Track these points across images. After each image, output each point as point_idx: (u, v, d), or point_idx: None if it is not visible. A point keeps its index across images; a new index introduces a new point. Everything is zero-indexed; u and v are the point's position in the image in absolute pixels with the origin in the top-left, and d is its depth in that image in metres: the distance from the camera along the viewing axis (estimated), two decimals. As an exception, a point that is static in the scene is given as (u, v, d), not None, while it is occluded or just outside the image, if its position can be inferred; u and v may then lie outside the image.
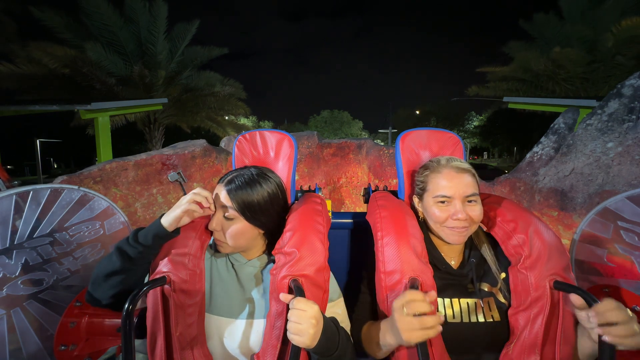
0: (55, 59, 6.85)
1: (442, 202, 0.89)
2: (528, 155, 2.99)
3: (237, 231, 0.89)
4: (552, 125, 2.84)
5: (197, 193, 0.87)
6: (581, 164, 2.46)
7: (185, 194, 3.06)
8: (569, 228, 2.46)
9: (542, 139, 2.88)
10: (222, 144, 4.02)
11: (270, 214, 0.93)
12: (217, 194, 0.91)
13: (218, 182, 0.94)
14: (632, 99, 2.28)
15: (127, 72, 8.10)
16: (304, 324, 0.69)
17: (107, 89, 7.82)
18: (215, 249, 1.00)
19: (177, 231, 0.88)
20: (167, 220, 0.84)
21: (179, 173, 3.48)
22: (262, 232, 0.95)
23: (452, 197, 0.88)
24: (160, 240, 0.85)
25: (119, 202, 3.00)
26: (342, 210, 4.59)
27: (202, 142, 3.62)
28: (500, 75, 10.24)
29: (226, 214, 0.88)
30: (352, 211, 4.72)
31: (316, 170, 4.32)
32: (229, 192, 0.89)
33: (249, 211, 0.89)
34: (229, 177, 0.93)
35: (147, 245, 0.83)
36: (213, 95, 9.54)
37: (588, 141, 2.44)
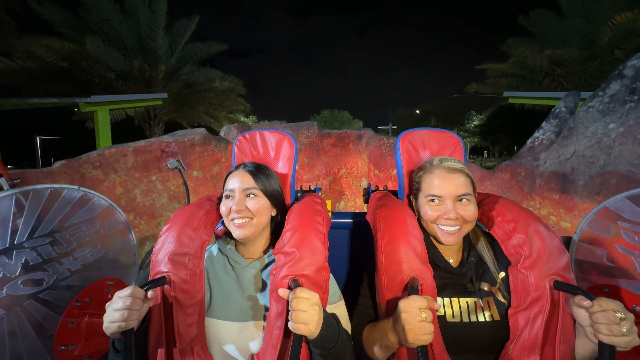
0: (53, 52, 6.80)
1: (433, 201, 0.90)
2: (529, 141, 2.98)
3: (261, 206, 0.93)
4: (552, 109, 2.83)
5: (124, 297, 0.71)
6: (582, 146, 2.45)
7: (184, 181, 3.02)
8: (570, 211, 2.45)
9: (543, 124, 2.87)
10: (222, 133, 4.01)
11: (280, 200, 1.00)
12: (235, 180, 0.94)
13: (231, 172, 0.98)
14: (633, 80, 2.27)
15: (126, 67, 8.09)
16: (309, 311, 0.70)
17: (107, 84, 7.80)
18: (222, 248, 0.99)
19: (142, 326, 0.79)
20: (111, 333, 0.73)
21: (178, 160, 3.47)
22: (273, 214, 0.99)
23: (443, 196, 0.88)
24: (126, 339, 0.71)
25: (118, 187, 2.98)
26: (342, 201, 4.57)
27: (201, 131, 3.61)
28: (499, 71, 10.23)
29: (249, 194, 0.93)
30: (352, 208, 4.71)
31: (316, 161, 4.31)
32: (250, 173, 0.95)
33: (269, 189, 0.96)
34: (244, 165, 0.99)
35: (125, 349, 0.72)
36: (213, 91, 9.52)
37: (589, 123, 2.43)
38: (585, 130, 2.45)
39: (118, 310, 0.70)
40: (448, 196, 0.88)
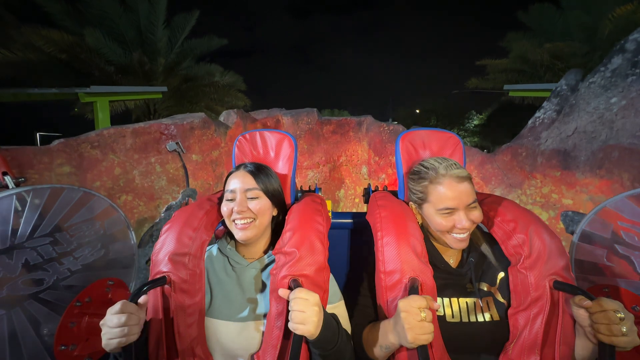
0: (52, 43, 6.79)
1: (447, 213, 0.89)
2: (530, 121, 2.97)
3: (263, 206, 0.93)
4: (554, 88, 2.81)
5: (117, 314, 0.70)
6: (584, 122, 2.43)
7: (183, 164, 3.02)
8: (572, 187, 2.44)
9: (544, 103, 2.86)
10: (222, 117, 4.00)
11: (281, 199, 1.01)
12: (235, 180, 0.94)
13: (232, 173, 0.98)
14: (635, 53, 2.26)
15: (126, 60, 8.08)
16: (308, 311, 0.70)
17: (106, 77, 7.79)
18: (222, 249, 0.99)
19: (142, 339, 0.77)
20: (111, 350, 0.72)
21: (177, 143, 3.45)
22: (274, 214, 0.99)
23: (457, 207, 0.88)
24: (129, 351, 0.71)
25: (116, 168, 2.97)
26: (342, 189, 4.56)
27: (200, 115, 3.60)
28: (500, 67, 10.21)
29: (250, 195, 0.92)
30: (352, 197, 4.70)
31: (316, 148, 4.29)
32: (251, 173, 0.95)
33: (270, 189, 0.96)
34: (245, 165, 0.99)
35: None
36: (213, 86, 9.50)
37: (591, 99, 2.42)
38: (587, 106, 2.43)
39: (114, 328, 0.69)
40: (461, 207, 0.87)
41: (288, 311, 0.73)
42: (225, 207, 0.93)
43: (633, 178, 2.08)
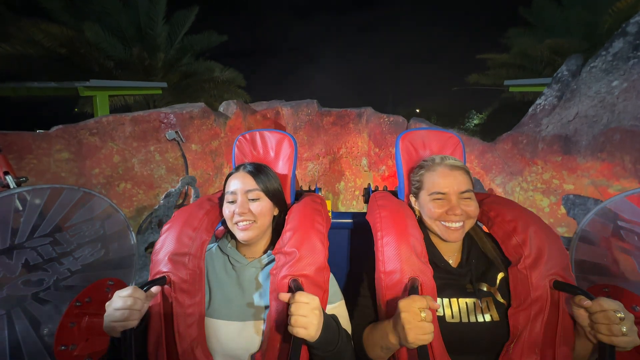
0: (51, 37, 6.79)
1: (438, 198, 0.91)
2: (530, 109, 2.96)
3: (264, 208, 0.93)
4: (555, 74, 2.80)
5: (124, 297, 0.71)
6: (585, 106, 2.42)
7: (183, 153, 3.00)
8: (573, 171, 2.42)
9: (545, 90, 2.85)
10: (221, 108, 3.99)
11: (281, 198, 1.01)
12: (236, 181, 0.94)
13: (231, 174, 0.97)
14: (637, 36, 2.24)
15: (125, 55, 8.07)
16: (309, 316, 0.71)
17: (106, 72, 7.79)
18: (222, 248, 0.98)
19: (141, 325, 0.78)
20: (111, 332, 0.73)
21: (176, 132, 3.44)
22: (275, 213, 0.99)
23: (447, 193, 0.89)
24: (126, 339, 0.72)
25: (115, 156, 2.96)
26: (342, 182, 4.54)
27: (200, 105, 3.58)
28: (500, 62, 10.22)
29: (251, 196, 0.92)
30: (352, 189, 4.69)
31: (316, 139, 4.28)
32: (251, 174, 0.95)
33: (270, 189, 0.95)
34: (244, 166, 0.98)
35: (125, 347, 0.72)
36: (213, 81, 9.50)
37: (592, 83, 2.41)
38: (588, 91, 2.42)
39: (119, 310, 0.70)
40: (452, 192, 0.89)
41: (288, 309, 0.73)
42: (227, 210, 0.92)
43: (635, 160, 2.06)
